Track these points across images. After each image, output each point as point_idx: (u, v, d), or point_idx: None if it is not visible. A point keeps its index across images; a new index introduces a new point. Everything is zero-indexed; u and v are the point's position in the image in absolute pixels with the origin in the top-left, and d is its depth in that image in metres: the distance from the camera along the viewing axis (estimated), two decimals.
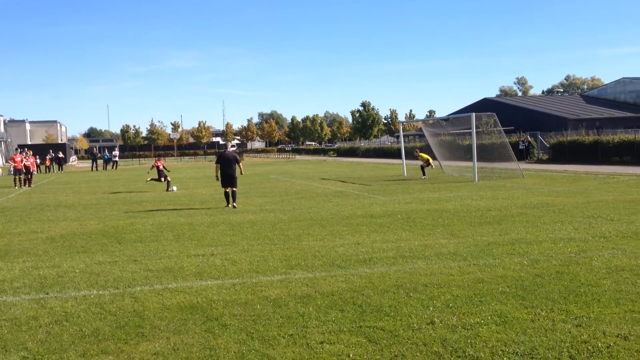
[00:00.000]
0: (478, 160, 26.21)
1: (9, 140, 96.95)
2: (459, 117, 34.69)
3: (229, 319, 6.28)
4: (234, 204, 17.26)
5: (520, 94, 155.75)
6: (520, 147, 43.87)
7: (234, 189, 17.50)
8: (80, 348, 5.49)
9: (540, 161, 42.75)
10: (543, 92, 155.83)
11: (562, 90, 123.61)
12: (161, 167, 24.80)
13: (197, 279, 8.17)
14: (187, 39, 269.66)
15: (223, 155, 17.91)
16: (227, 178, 17.46)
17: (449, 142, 34.85)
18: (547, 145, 44.65)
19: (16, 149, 20.40)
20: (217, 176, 17.63)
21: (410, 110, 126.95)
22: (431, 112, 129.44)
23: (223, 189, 17.74)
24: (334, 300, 6.84)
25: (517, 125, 53.71)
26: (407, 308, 6.48)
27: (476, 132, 26.27)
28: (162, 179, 24.50)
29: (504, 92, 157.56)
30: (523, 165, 30.97)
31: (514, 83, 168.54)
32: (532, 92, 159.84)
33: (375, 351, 5.25)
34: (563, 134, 43.73)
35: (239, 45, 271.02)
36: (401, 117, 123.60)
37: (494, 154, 29.65)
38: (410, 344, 5.41)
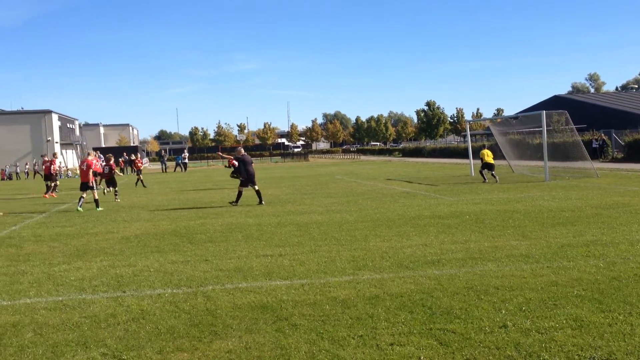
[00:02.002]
0: (549, 159, 25.50)
1: (84, 143, 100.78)
2: (529, 115, 33.83)
3: (298, 319, 6.34)
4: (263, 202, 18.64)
5: (592, 90, 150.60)
6: (594, 145, 42.46)
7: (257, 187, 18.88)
8: (157, 345, 5.67)
9: (615, 160, 41.21)
10: (617, 88, 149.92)
11: (636, 86, 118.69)
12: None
13: (266, 279, 8.28)
14: (252, 43, 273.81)
15: (247, 156, 19.30)
16: (252, 177, 18.69)
17: (518, 141, 34.07)
18: (622, 144, 43.01)
19: (88, 153, 21.23)
20: (242, 175, 18.90)
21: (478, 109, 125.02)
22: (499, 111, 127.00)
23: (242, 189, 18.85)
24: (403, 302, 6.81)
25: (590, 123, 51.90)
26: (479, 311, 6.37)
27: (547, 130, 25.58)
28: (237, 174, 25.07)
29: (575, 89, 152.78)
30: (597, 165, 29.97)
31: (586, 79, 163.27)
32: (605, 88, 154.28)
33: (446, 354, 5.20)
34: (639, 132, 42.03)
35: (302, 47, 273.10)
36: (468, 116, 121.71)
37: (566, 153, 28.78)
38: (483, 347, 5.32)
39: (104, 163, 24.29)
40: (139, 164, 32.29)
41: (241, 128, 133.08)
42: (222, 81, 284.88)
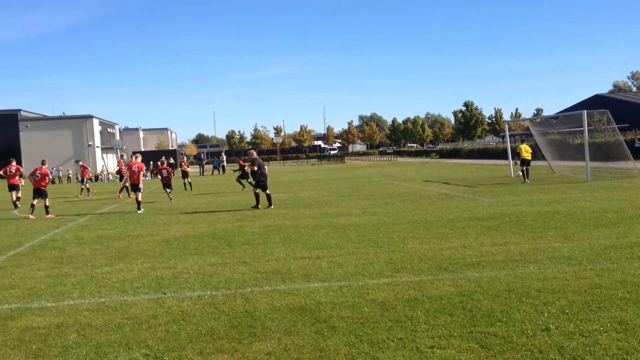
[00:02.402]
0: (591, 159, 25.00)
1: (124, 147, 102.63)
2: (570, 115, 33.22)
3: (337, 321, 6.33)
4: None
5: (635, 89, 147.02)
6: (637, 145, 41.51)
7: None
8: (197, 346, 5.72)
9: None
10: None
11: None
12: (246, 167, 25.79)
13: (304, 281, 8.29)
14: (288, 46, 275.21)
15: (259, 159, 19.49)
16: (266, 180, 18.95)
17: (559, 141, 33.51)
18: None
19: (131, 156, 21.84)
20: (257, 177, 18.90)
21: (516, 109, 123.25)
22: (538, 111, 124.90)
23: (258, 191, 18.91)
24: (443, 304, 6.74)
25: (633, 122, 50.71)
26: (520, 314, 6.27)
27: (588, 130, 25.09)
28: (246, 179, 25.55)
29: (617, 88, 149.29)
30: None
31: (628, 78, 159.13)
32: None
33: (487, 357, 5.12)
34: None
35: (336, 50, 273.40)
36: (506, 117, 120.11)
37: (608, 153, 28.21)
38: (525, 350, 5.24)
39: (152, 167, 25.01)
40: (185, 167, 32.72)
41: (277, 131, 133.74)
42: (259, 84, 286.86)
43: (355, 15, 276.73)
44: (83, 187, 31.49)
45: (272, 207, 18.63)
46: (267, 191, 19.02)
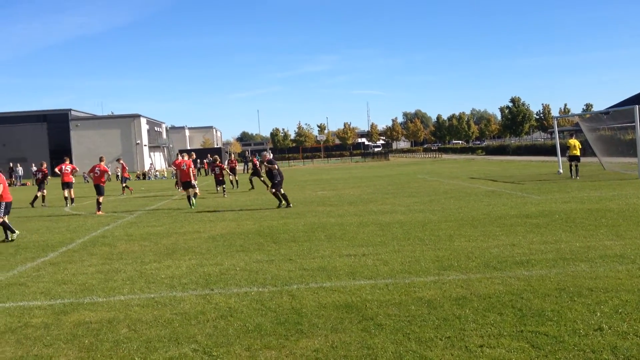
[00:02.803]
0: None
1: (171, 145, 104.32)
2: (621, 110, 32.32)
3: (384, 319, 6.30)
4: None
5: None
6: None
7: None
8: (245, 342, 5.77)
9: None
10: None
11: None
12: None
13: (350, 278, 8.28)
14: (332, 43, 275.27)
15: (274, 159, 19.67)
16: (282, 180, 19.14)
17: (610, 137, 32.63)
18: None
19: (187, 154, 22.35)
20: (275, 178, 19.01)
21: (565, 105, 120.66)
22: (588, 106, 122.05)
23: (273, 190, 19.04)
24: (492, 303, 6.64)
25: None
26: (572, 313, 6.13)
27: None
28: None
29: None
30: None
31: None
32: None
33: (539, 357, 5.02)
34: None
35: (378, 46, 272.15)
36: (555, 112, 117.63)
37: None
38: (577, 350, 5.12)
39: (199, 164, 25.40)
40: (234, 164, 33.13)
41: (321, 128, 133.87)
42: (302, 82, 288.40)
43: (397, 11, 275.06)
44: (124, 185, 32.14)
45: (283, 205, 18.85)
46: (282, 191, 19.19)
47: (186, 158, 21.83)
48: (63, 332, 6.43)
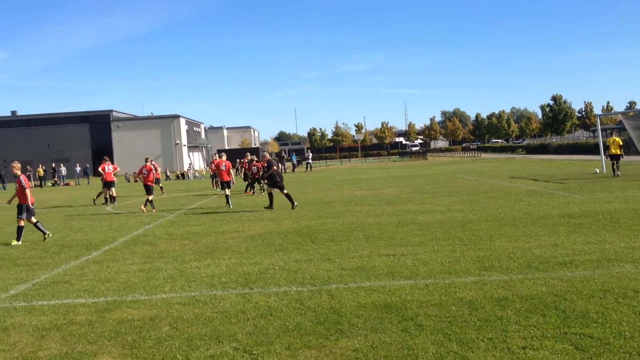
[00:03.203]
0: None
1: (209, 145, 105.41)
2: None
3: (424, 319, 6.25)
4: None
5: None
6: None
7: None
8: (285, 341, 5.79)
9: None
10: None
11: None
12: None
13: (389, 278, 8.24)
14: (368, 42, 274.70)
15: (273, 160, 19.80)
16: (282, 181, 19.34)
17: None
18: None
19: (222, 154, 22.67)
20: (277, 178, 19.10)
21: (608, 102, 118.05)
22: (632, 104, 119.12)
23: (276, 191, 19.20)
24: (534, 304, 6.53)
25: None
26: (617, 315, 5.99)
27: None
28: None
29: None
30: None
31: None
32: None
33: (583, 359, 4.92)
34: None
35: (418, 45, 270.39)
36: (597, 110, 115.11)
37: None
38: (623, 352, 4.99)
39: (237, 164, 25.90)
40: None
41: (359, 128, 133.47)
42: (339, 81, 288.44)
43: (434, 10, 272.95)
44: (160, 186, 32.56)
45: (296, 204, 18.91)
46: (285, 191, 19.21)
47: (224, 158, 22.13)
48: (106, 330, 6.54)
